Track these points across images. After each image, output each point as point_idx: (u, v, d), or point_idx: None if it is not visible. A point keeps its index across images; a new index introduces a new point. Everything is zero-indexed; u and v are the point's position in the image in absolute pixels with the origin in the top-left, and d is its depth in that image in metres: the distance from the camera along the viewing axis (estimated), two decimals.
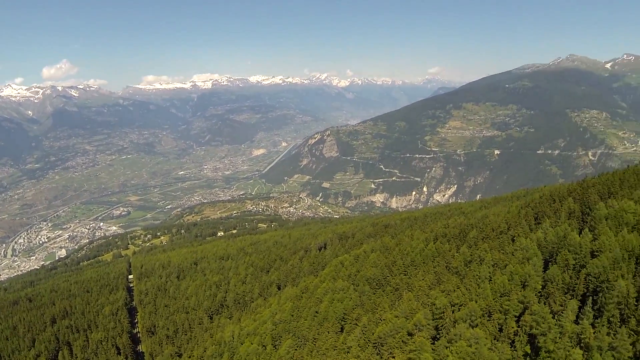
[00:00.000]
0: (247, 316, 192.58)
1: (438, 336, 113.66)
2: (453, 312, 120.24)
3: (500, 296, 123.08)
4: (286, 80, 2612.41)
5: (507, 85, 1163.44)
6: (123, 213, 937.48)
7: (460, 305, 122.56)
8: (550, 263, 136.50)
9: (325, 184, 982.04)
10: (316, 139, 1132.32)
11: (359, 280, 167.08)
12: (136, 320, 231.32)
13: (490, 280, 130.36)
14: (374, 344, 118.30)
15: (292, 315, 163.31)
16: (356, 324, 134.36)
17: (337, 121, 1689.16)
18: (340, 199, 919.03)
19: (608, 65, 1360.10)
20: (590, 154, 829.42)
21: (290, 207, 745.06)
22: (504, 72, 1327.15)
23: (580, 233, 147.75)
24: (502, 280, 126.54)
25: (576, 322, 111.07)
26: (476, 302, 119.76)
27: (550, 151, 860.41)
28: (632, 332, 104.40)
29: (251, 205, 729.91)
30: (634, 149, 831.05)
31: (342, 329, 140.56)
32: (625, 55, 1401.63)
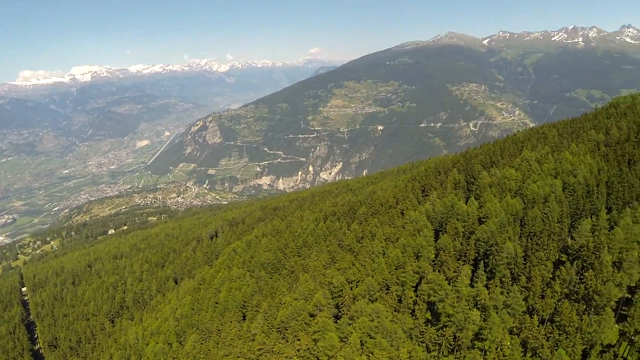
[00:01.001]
0: (148, 315, 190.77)
1: (340, 314, 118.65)
2: (351, 289, 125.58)
3: (396, 269, 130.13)
4: (166, 68, 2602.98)
5: (388, 63, 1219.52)
6: (8, 221, 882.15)
7: (358, 282, 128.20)
8: (440, 232, 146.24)
9: (211, 171, 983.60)
10: (199, 126, 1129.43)
11: (254, 266, 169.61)
12: (36, 336, 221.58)
13: (384, 254, 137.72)
14: (277, 329, 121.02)
15: (193, 309, 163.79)
16: (257, 311, 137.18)
17: (219, 107, 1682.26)
18: (227, 184, 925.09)
19: (485, 42, 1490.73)
20: (471, 125, 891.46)
21: (178, 197, 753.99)
22: (385, 50, 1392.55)
23: (466, 202, 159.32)
24: (395, 253, 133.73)
25: (471, 285, 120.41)
26: (373, 277, 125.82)
27: (432, 124, 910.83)
28: (524, 289, 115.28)
29: (139, 199, 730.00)
30: (512, 118, 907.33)
31: (244, 317, 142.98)
32: (501, 32, 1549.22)
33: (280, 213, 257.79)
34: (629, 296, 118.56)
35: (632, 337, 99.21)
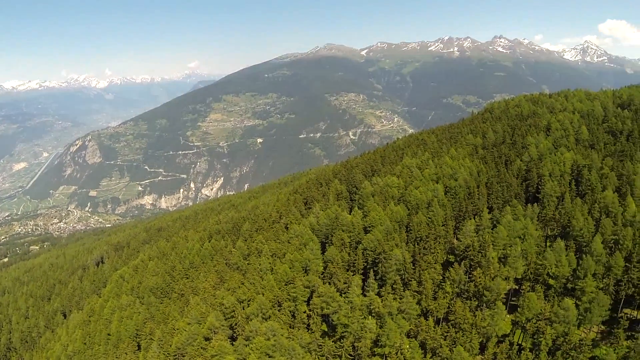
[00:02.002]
0: (38, 356, 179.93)
1: (235, 335, 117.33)
2: (243, 309, 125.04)
3: (286, 284, 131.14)
4: (43, 84, 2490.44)
5: (266, 75, 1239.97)
6: None
7: (249, 301, 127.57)
8: (327, 244, 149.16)
9: (93, 192, 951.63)
10: (78, 146, 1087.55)
11: (143, 292, 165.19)
12: None
13: (272, 270, 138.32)
14: (174, 356, 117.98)
15: (85, 344, 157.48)
16: (151, 339, 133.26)
17: (98, 124, 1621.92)
18: (109, 206, 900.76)
19: (364, 52, 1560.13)
20: (351, 133, 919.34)
21: (60, 222, 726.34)
22: (264, 63, 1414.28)
23: (350, 212, 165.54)
24: (283, 269, 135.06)
25: (363, 294, 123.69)
26: (263, 294, 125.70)
27: (312, 135, 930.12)
28: (416, 293, 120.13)
29: (19, 227, 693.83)
30: (391, 125, 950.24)
31: (139, 347, 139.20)
32: (379, 43, 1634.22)
33: (164, 234, 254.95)
34: (517, 287, 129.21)
35: (524, 325, 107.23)
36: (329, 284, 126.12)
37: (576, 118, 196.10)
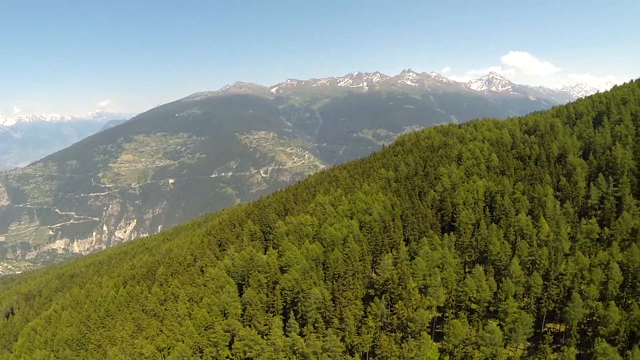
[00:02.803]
0: None
1: None
2: (164, 357, 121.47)
3: (205, 329, 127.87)
4: None
5: (177, 114, 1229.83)
6: None
7: (169, 349, 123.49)
8: (244, 286, 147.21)
9: (1, 238, 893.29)
10: None
11: (57, 345, 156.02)
12: None
13: (191, 316, 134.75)
14: None
15: None
16: None
17: (6, 165, 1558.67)
18: (19, 251, 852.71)
19: (274, 90, 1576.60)
20: (262, 171, 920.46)
21: None
22: (175, 102, 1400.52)
23: (265, 252, 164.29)
24: (202, 313, 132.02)
25: (285, 335, 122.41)
26: (183, 341, 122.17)
27: (224, 174, 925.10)
28: (339, 330, 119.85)
29: None
30: (302, 162, 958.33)
31: None
32: (289, 80, 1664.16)
33: (78, 280, 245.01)
34: (440, 315, 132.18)
35: (452, 351, 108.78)
36: (250, 326, 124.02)
37: (486, 146, 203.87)
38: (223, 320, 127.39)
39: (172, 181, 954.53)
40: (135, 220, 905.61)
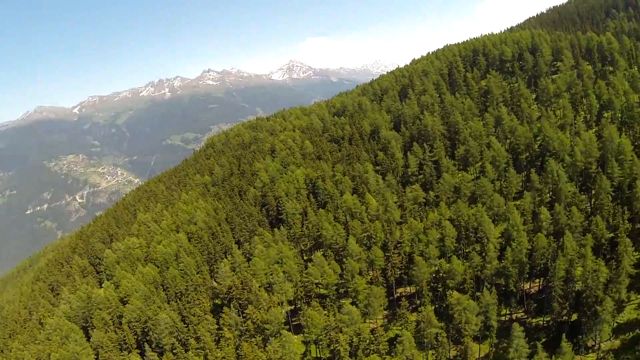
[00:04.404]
0: None
1: None
2: None
3: None
4: None
5: None
6: None
7: None
8: (89, 329, 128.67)
9: None
10: None
11: None
12: None
13: None
14: None
15: None
16: None
17: None
18: None
19: (76, 110, 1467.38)
20: (78, 197, 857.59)
21: None
22: None
23: (101, 286, 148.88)
24: None
25: None
26: None
27: (39, 207, 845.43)
28: (199, 350, 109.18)
29: None
30: (116, 180, 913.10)
31: None
32: (90, 97, 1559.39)
33: None
34: (292, 307, 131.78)
35: (317, 340, 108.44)
36: None
37: (297, 134, 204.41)
38: None
39: None
40: None
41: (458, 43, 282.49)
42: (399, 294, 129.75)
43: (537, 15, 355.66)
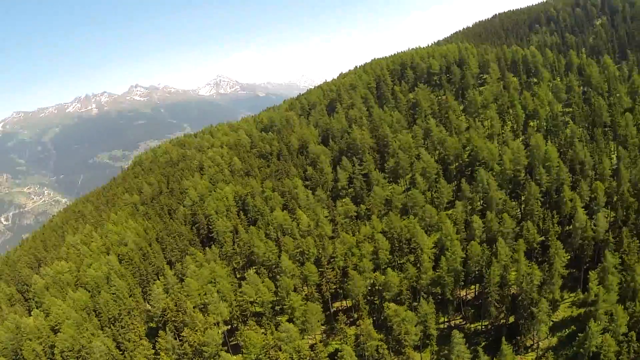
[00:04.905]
0: None
1: None
2: None
3: None
4: None
5: None
6: None
7: None
8: None
9: None
10: None
11: None
12: None
13: None
14: None
15: None
16: None
17: None
18: None
19: (0, 127, 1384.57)
20: (2, 219, 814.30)
21: None
22: None
23: (30, 314, 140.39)
24: None
25: None
26: None
27: None
28: None
29: None
30: (42, 200, 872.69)
31: None
32: (14, 113, 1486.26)
33: None
34: (229, 327, 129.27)
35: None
36: None
37: (225, 151, 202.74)
38: None
39: None
40: None
41: (386, 57, 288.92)
42: (335, 309, 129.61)
43: (463, 29, 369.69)
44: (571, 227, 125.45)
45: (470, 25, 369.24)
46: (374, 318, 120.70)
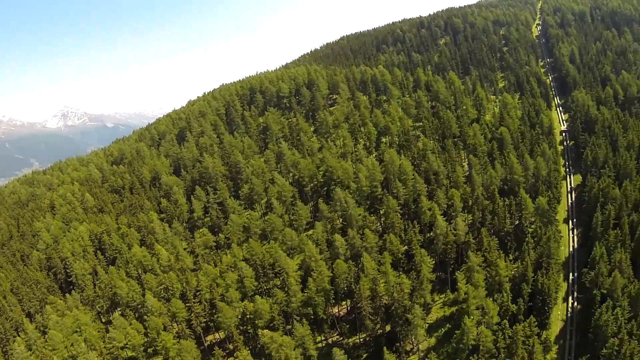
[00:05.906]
0: None
1: None
2: None
3: None
4: None
5: None
6: None
7: None
8: None
9: None
10: None
11: None
12: None
13: None
14: None
15: None
16: None
17: None
18: None
19: None
20: None
21: None
22: None
23: None
24: None
25: None
26: None
27: None
28: None
29: None
30: None
31: None
32: None
33: None
34: None
35: None
36: None
37: (77, 187, 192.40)
38: None
39: None
40: None
41: (235, 82, 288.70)
42: (209, 342, 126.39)
43: (311, 51, 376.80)
44: (432, 233, 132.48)
45: (318, 48, 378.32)
46: (250, 347, 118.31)
